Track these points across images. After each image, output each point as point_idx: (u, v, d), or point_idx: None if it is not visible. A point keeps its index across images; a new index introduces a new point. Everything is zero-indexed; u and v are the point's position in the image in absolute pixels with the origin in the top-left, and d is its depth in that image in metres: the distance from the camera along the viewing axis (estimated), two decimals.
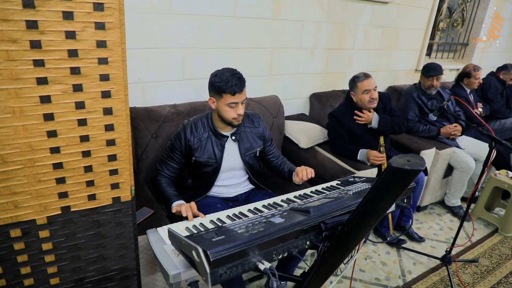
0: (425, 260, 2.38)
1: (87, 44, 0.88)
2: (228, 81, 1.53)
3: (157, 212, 1.59)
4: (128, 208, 1.15)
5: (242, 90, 1.57)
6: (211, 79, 1.59)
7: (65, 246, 1.09)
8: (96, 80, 0.92)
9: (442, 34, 3.88)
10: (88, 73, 0.91)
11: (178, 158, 1.70)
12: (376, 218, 1.01)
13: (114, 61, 0.93)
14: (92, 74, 0.91)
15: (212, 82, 1.58)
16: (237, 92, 1.54)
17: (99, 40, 0.89)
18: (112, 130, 1.00)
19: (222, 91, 1.55)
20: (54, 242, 1.07)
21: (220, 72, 1.58)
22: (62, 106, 0.91)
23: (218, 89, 1.55)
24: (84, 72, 0.90)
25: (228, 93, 1.54)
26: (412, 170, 0.86)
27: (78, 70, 0.89)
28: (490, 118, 3.70)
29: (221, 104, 1.59)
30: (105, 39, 0.89)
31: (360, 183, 1.46)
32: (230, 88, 1.53)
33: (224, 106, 1.58)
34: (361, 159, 2.33)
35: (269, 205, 1.34)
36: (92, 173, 1.03)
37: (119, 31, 0.91)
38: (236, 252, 0.90)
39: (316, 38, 2.69)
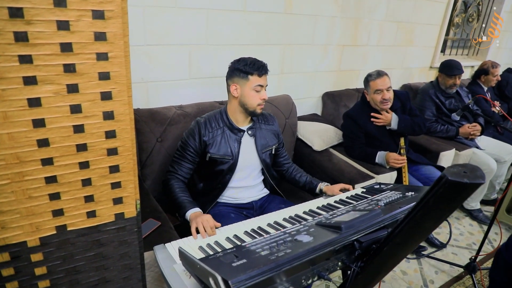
0: (447, 268, 2.24)
1: (83, 37, 0.74)
2: (254, 63, 1.53)
3: (164, 224, 1.45)
4: (133, 225, 1.01)
5: (267, 73, 1.57)
6: (235, 65, 1.56)
7: (61, 270, 0.95)
8: (95, 79, 0.79)
9: (457, 30, 3.73)
10: (84, 71, 0.77)
11: (192, 157, 1.59)
12: (422, 238, 0.87)
13: (116, 57, 0.79)
14: (89, 72, 0.78)
15: (237, 67, 1.54)
16: (263, 73, 1.54)
17: (98, 31, 0.75)
18: (113, 137, 0.87)
19: (249, 73, 1.52)
20: (48, 266, 0.93)
21: (241, 58, 1.56)
22: (54, 110, 0.77)
23: (245, 72, 1.52)
24: (80, 69, 0.76)
25: (255, 74, 1.52)
26: (472, 183, 0.71)
27: (72, 68, 0.75)
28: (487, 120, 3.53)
29: (246, 89, 1.54)
30: (105, 30, 0.76)
31: (389, 192, 1.32)
32: (258, 69, 1.52)
33: (249, 90, 1.54)
34: (379, 162, 2.19)
35: (290, 218, 1.20)
36: (91, 187, 0.89)
37: (121, 21, 0.77)
38: (262, 280, 0.76)
39: (330, 34, 2.55)
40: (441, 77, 2.82)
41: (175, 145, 1.80)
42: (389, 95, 2.16)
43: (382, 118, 2.18)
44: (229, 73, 1.58)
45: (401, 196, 1.22)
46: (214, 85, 2.12)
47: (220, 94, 2.15)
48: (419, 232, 0.83)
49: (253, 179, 1.71)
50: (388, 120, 2.18)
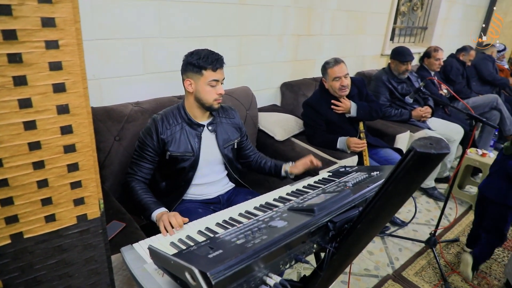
0: (409, 244, 2.35)
1: (28, 22, 0.67)
2: (208, 56, 1.44)
3: (129, 225, 1.39)
4: (97, 227, 0.95)
5: (223, 66, 1.49)
6: (188, 59, 1.47)
7: (20, 283, 0.87)
8: (45, 69, 0.72)
9: (403, 18, 3.91)
10: (33, 60, 0.70)
11: (151, 156, 1.52)
12: (394, 211, 0.90)
13: (67, 45, 0.73)
14: (38, 62, 0.71)
15: (190, 61, 1.46)
16: (218, 67, 1.46)
17: (45, 17, 0.69)
18: (70, 132, 0.80)
19: (203, 68, 1.44)
20: (4, 279, 0.85)
21: (195, 51, 1.48)
22: (0, 106, 0.70)
23: (198, 66, 1.44)
24: (28, 59, 0.70)
25: (209, 69, 1.44)
26: (439, 154, 0.74)
27: (19, 58, 0.69)
28: (454, 98, 3.78)
29: (200, 84, 1.47)
30: (53, 15, 0.69)
31: (355, 173, 1.35)
32: (211, 63, 1.44)
33: (204, 86, 1.47)
34: (341, 147, 2.24)
35: (261, 206, 1.19)
36: (48, 188, 0.82)
37: (71, 5, 0.71)
38: (241, 269, 0.75)
39: (285, 24, 2.56)
40: (393, 63, 2.95)
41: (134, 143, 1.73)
42: (347, 82, 2.21)
43: (342, 106, 2.23)
44: (183, 67, 1.50)
45: (367, 176, 1.25)
46: (171, 79, 2.05)
47: (178, 88, 2.08)
48: (391, 206, 0.85)
49: (217, 174, 1.67)
50: (348, 108, 2.23)
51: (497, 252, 2.32)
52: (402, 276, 2.04)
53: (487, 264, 2.20)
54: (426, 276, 2.05)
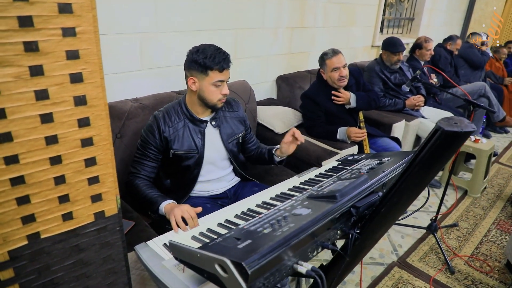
0: (410, 231, 2.37)
1: (45, 8, 0.64)
2: (215, 56, 1.35)
3: (138, 223, 1.36)
4: (115, 224, 0.92)
5: (229, 66, 1.41)
6: (193, 56, 1.38)
7: (37, 285, 0.84)
8: (62, 59, 0.69)
9: (392, 10, 3.94)
10: (49, 49, 0.67)
11: (154, 154, 1.47)
12: (418, 193, 0.90)
13: (84, 32, 0.70)
14: (55, 51, 0.67)
15: (195, 59, 1.37)
16: (225, 68, 1.38)
17: (62, 2, 0.65)
18: (87, 125, 0.77)
19: (209, 68, 1.36)
20: (21, 282, 0.81)
21: (201, 47, 1.39)
22: (16, 98, 0.66)
23: (204, 66, 1.36)
24: (44, 48, 0.66)
25: (215, 69, 1.37)
26: (466, 132, 0.74)
27: (35, 46, 0.65)
28: (443, 87, 3.84)
29: (205, 84, 1.40)
30: (70, 1, 0.66)
31: (365, 160, 1.34)
32: (218, 64, 1.35)
33: (209, 86, 1.40)
34: (341, 138, 2.25)
35: (277, 196, 1.18)
36: (66, 185, 0.79)
37: None
38: (273, 258, 0.73)
39: (279, 17, 2.55)
40: (385, 54, 2.96)
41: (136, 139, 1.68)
42: (345, 72, 2.21)
43: (342, 97, 2.23)
44: (187, 64, 1.42)
45: (379, 162, 1.25)
46: (169, 74, 2.01)
47: (177, 83, 2.06)
48: (415, 187, 0.85)
49: (222, 170, 1.64)
50: (348, 99, 2.23)
51: (496, 234, 2.37)
52: (407, 262, 2.06)
53: (487, 247, 2.24)
54: (430, 261, 2.08)
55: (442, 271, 2.00)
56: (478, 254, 2.16)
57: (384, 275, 1.94)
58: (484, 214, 2.61)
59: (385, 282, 1.89)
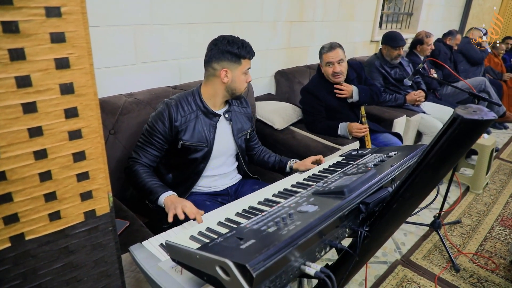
0: (413, 229, 2.32)
1: None
2: (244, 45, 1.40)
3: (133, 223, 1.29)
4: (107, 224, 0.85)
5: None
6: (225, 47, 1.38)
7: None
8: (46, 42, 0.62)
9: (390, 5, 3.89)
10: (31, 31, 0.60)
11: (160, 143, 1.41)
12: (433, 186, 0.84)
13: (71, 13, 0.63)
14: (38, 33, 0.61)
15: (228, 50, 1.38)
16: (253, 55, 1.45)
17: None
18: (75, 116, 0.70)
19: (242, 57, 1.40)
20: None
21: (227, 38, 1.40)
22: None
23: (238, 55, 1.39)
24: (26, 29, 0.59)
25: (247, 58, 1.42)
26: (487, 120, 0.69)
27: (15, 27, 0.58)
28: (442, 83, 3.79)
29: (237, 73, 1.41)
30: None
31: (370, 155, 1.29)
32: (249, 52, 1.41)
33: (241, 75, 1.43)
34: (342, 133, 2.19)
35: (280, 193, 1.12)
36: (52, 181, 0.72)
37: None
38: (280, 259, 0.67)
39: (278, 10, 2.48)
40: (385, 49, 2.91)
41: (131, 136, 1.63)
42: (340, 68, 2.14)
43: (345, 90, 2.16)
44: (217, 56, 1.39)
45: (386, 156, 1.20)
46: (164, 69, 1.94)
47: (172, 78, 1.99)
48: (432, 180, 0.79)
49: (228, 166, 1.60)
50: (350, 92, 2.17)
51: (500, 231, 2.33)
52: (410, 260, 2.01)
53: (491, 244, 2.19)
54: (434, 259, 2.03)
55: (447, 269, 1.95)
56: (483, 251, 2.12)
57: (388, 274, 1.89)
58: (487, 211, 2.57)
59: (389, 281, 1.84)
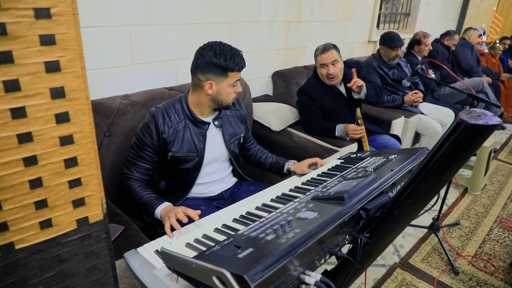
0: (412, 231, 2.31)
1: None
2: (233, 56, 1.28)
3: (128, 228, 1.27)
4: (100, 231, 0.83)
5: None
6: (211, 59, 1.28)
7: None
8: (35, 44, 0.60)
9: (388, 5, 3.88)
10: (19, 33, 0.58)
11: (150, 156, 1.37)
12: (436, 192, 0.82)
13: (61, 14, 0.61)
14: (26, 35, 0.58)
15: (214, 62, 1.28)
16: (243, 67, 1.34)
17: None
18: (67, 121, 0.68)
19: (229, 70, 1.29)
20: None
21: (215, 47, 1.29)
22: None
23: (225, 68, 1.29)
24: (13, 31, 0.57)
25: (235, 70, 1.32)
26: (492, 125, 0.67)
27: (2, 28, 0.56)
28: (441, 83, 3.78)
29: (224, 86, 1.32)
30: None
31: (369, 158, 1.27)
32: (238, 64, 1.30)
33: (227, 87, 1.33)
34: (339, 135, 2.17)
35: (278, 198, 1.09)
36: (43, 188, 0.70)
37: None
38: (279, 269, 0.65)
39: (275, 10, 2.46)
40: (383, 49, 2.90)
41: (127, 138, 1.60)
42: (334, 70, 2.11)
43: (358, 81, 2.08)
44: (202, 67, 1.30)
45: (386, 160, 1.18)
46: (160, 70, 1.92)
47: (168, 79, 1.97)
48: (435, 186, 0.77)
49: (221, 172, 1.56)
50: (362, 85, 2.12)
51: (498, 233, 2.32)
52: (409, 263, 1.99)
53: (490, 246, 2.18)
54: (433, 262, 2.01)
55: (446, 272, 1.94)
56: (482, 254, 2.11)
57: (386, 277, 1.87)
58: (485, 212, 2.56)
59: (388, 284, 1.82)
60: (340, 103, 2.23)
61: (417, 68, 2.24)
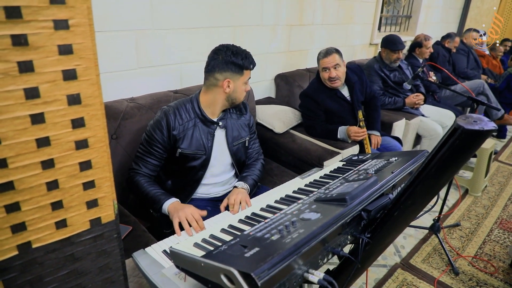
0: (413, 232, 2.34)
1: None
2: (247, 56, 1.42)
3: (136, 228, 1.30)
4: (112, 231, 0.86)
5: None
6: (230, 58, 1.37)
7: None
8: (54, 54, 0.63)
9: (389, 7, 3.91)
10: (40, 43, 0.61)
11: (159, 152, 1.42)
12: (434, 194, 0.85)
13: (78, 25, 0.64)
14: (46, 45, 0.62)
15: (233, 61, 1.38)
16: (255, 65, 1.47)
17: None
18: (82, 126, 0.71)
19: (245, 68, 1.42)
20: None
21: (231, 48, 1.41)
22: (3, 96, 0.61)
23: (241, 66, 1.40)
24: (34, 42, 0.60)
25: (249, 69, 1.44)
26: (488, 130, 0.70)
27: (24, 40, 0.59)
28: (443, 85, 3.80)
29: (239, 83, 1.42)
30: None
31: (370, 161, 1.30)
32: (252, 62, 1.44)
33: (242, 85, 1.43)
34: (341, 137, 2.20)
35: (282, 199, 1.13)
36: (59, 190, 0.73)
37: None
38: (284, 267, 0.68)
39: (277, 13, 2.50)
40: (384, 52, 2.93)
41: (133, 141, 1.63)
42: (336, 73, 2.15)
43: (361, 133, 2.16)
44: (220, 66, 1.37)
45: (386, 163, 1.21)
46: (166, 73, 1.95)
47: (173, 82, 2.00)
48: (431, 189, 0.80)
49: (226, 173, 1.59)
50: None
51: (498, 234, 2.34)
52: (410, 264, 2.02)
53: (490, 247, 2.21)
54: (434, 263, 2.04)
55: (446, 272, 1.96)
56: (482, 254, 2.13)
57: (387, 277, 1.90)
58: (486, 213, 2.59)
59: (389, 284, 1.85)
60: (342, 106, 2.26)
61: (418, 71, 2.27)
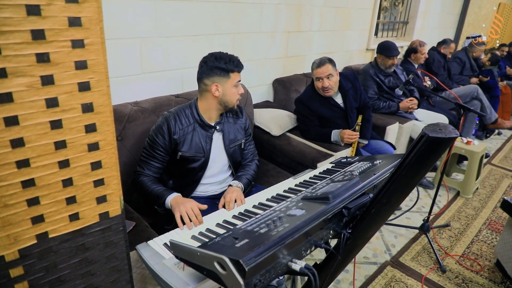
0: (404, 231, 2.43)
1: (56, 22, 0.68)
2: (231, 59, 1.48)
3: (139, 224, 1.40)
4: (118, 224, 0.96)
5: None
6: (213, 64, 1.47)
7: (45, 283, 0.88)
8: (71, 69, 0.73)
9: (386, 14, 4.01)
10: (60, 60, 0.71)
11: (161, 156, 1.52)
12: (405, 194, 0.95)
13: (92, 44, 0.74)
14: (65, 62, 0.72)
15: (217, 66, 1.47)
16: (241, 69, 1.52)
17: (72, 16, 0.70)
18: (94, 131, 0.81)
19: (230, 71, 1.48)
20: (30, 279, 0.85)
21: (216, 55, 1.49)
22: (28, 106, 0.70)
23: (226, 69, 1.47)
24: (55, 59, 0.70)
25: (236, 71, 1.49)
26: (449, 138, 0.80)
27: (46, 57, 0.69)
28: (436, 90, 3.90)
29: (228, 86, 1.49)
30: (79, 15, 0.71)
31: (357, 163, 1.40)
32: (237, 65, 1.49)
33: (231, 88, 1.50)
34: (334, 140, 2.30)
35: (273, 198, 1.22)
36: (73, 187, 0.83)
37: (96, 4, 0.73)
38: (269, 256, 0.78)
39: (276, 21, 2.60)
40: (380, 58, 3.02)
41: (137, 143, 1.73)
42: (328, 83, 2.24)
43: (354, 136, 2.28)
44: (206, 72, 1.48)
45: (371, 165, 1.30)
46: (168, 78, 2.06)
47: (175, 87, 2.10)
48: (403, 189, 0.90)
49: (224, 173, 1.69)
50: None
51: (486, 234, 2.43)
52: (399, 261, 2.11)
53: (477, 246, 2.30)
54: (422, 261, 2.13)
55: (434, 270, 2.05)
56: (469, 254, 2.22)
57: (377, 274, 1.99)
58: (475, 215, 2.68)
59: (378, 281, 1.95)
60: (335, 113, 2.36)
61: (408, 77, 2.36)
